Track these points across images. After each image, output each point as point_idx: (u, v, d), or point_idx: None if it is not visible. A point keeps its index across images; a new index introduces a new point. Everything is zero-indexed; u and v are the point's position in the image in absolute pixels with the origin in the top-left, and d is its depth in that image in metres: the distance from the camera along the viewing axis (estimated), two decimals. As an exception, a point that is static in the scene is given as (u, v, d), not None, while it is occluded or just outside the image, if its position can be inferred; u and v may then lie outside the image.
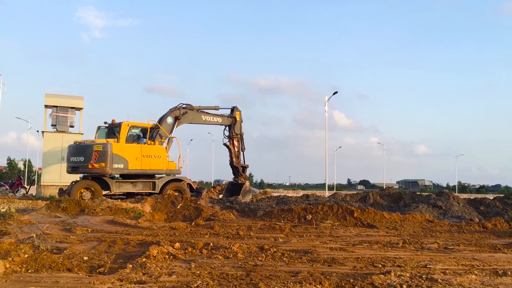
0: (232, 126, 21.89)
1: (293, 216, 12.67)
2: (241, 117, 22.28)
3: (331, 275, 5.72)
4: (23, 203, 18.69)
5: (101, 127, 19.73)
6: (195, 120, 20.92)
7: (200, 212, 13.38)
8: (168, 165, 19.05)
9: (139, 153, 18.16)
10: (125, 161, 17.71)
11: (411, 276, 5.63)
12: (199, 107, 21.11)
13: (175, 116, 19.85)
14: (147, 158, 18.21)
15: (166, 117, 19.67)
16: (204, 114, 21.15)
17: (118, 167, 17.63)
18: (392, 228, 11.32)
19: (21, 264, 5.78)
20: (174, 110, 19.95)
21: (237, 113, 22.06)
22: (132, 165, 17.92)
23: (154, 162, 18.36)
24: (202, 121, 21.21)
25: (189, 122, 20.66)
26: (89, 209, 13.35)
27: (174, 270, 5.75)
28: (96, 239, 8.60)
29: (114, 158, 17.42)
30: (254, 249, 7.56)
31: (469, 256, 7.46)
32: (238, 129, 21.99)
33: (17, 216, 11.84)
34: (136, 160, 17.99)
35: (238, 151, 22.00)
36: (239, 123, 22.10)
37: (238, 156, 21.98)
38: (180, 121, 20.00)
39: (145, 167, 18.18)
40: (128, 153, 17.95)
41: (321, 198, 20.97)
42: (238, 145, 22.01)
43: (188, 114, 20.33)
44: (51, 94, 27.22)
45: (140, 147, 18.33)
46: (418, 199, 18.65)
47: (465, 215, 14.88)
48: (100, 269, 5.84)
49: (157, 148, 18.64)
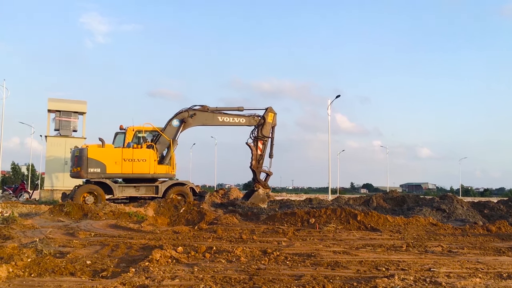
0: (260, 127, 19.98)
1: (296, 219, 12.65)
2: (275, 119, 20.25)
3: (335, 278, 5.70)
4: (26, 208, 18.73)
5: (119, 133, 19.78)
6: (209, 122, 19.83)
7: (203, 216, 13.37)
8: (156, 168, 18.49)
9: (119, 157, 18.11)
10: (102, 165, 17.85)
11: (415, 279, 5.60)
12: (216, 108, 19.85)
13: (182, 118, 19.24)
14: (129, 162, 18.09)
15: (172, 119, 19.25)
16: (222, 115, 19.72)
17: (94, 171, 17.81)
18: (395, 232, 11.28)
19: (24, 268, 5.78)
20: (180, 113, 19.40)
21: (270, 115, 20.09)
22: (110, 169, 17.94)
23: (137, 166, 18.15)
24: (219, 123, 19.82)
25: (200, 124, 19.78)
26: (92, 214, 13.36)
27: (177, 274, 5.74)
28: (99, 243, 8.60)
29: (90, 163, 17.74)
30: (257, 253, 7.54)
31: (473, 259, 7.42)
32: (266, 131, 19.97)
33: (20, 221, 11.86)
34: (115, 164, 17.99)
35: (261, 155, 19.89)
36: (269, 125, 20.05)
37: (259, 161, 19.87)
38: (187, 123, 19.26)
39: (126, 171, 18.08)
40: (107, 158, 18.03)
41: (324, 201, 20.96)
42: (263, 148, 19.96)
43: (198, 116, 19.44)
44: (54, 99, 27.34)
45: (121, 151, 18.26)
46: (421, 202, 18.58)
47: (469, 218, 14.82)
48: (103, 273, 5.84)
49: (142, 152, 18.36)
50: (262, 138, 19.85)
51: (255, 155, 19.73)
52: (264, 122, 19.86)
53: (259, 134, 19.84)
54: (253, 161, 19.74)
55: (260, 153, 19.83)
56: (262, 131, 19.84)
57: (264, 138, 19.87)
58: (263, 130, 19.85)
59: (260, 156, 19.83)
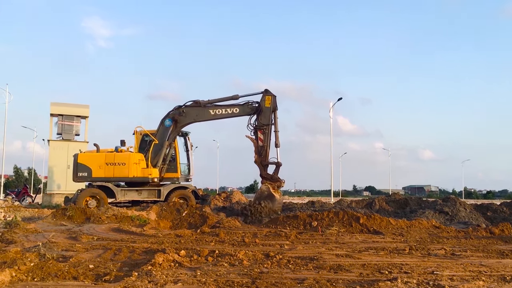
0: (258, 115, 17.21)
1: (299, 222, 12.63)
2: (273, 103, 17.13)
3: (337, 282, 5.69)
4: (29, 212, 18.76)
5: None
6: (201, 117, 18.14)
7: (205, 219, 13.37)
8: (137, 172, 18.21)
9: (102, 161, 18.35)
10: (89, 169, 18.30)
11: (418, 282, 5.59)
12: (208, 101, 17.95)
13: (172, 117, 18.17)
14: (110, 166, 18.28)
15: (163, 120, 18.41)
16: (214, 108, 17.81)
17: (82, 175, 18.40)
18: (398, 234, 11.26)
19: (27, 273, 5.79)
20: (172, 111, 18.30)
21: (267, 98, 17.12)
22: (95, 173, 18.27)
23: (117, 170, 18.28)
24: (211, 116, 17.96)
25: (192, 120, 18.23)
26: (94, 217, 13.38)
27: (180, 278, 5.74)
28: (101, 247, 8.61)
29: (79, 167, 18.37)
30: (259, 256, 7.53)
31: (476, 262, 7.40)
32: (264, 119, 17.00)
33: (23, 225, 11.90)
34: (99, 168, 18.28)
35: (262, 146, 16.88)
36: (267, 110, 17.05)
37: (262, 153, 16.89)
38: (179, 121, 18.12)
39: (108, 174, 18.27)
40: (92, 162, 18.42)
41: (327, 204, 20.88)
42: (264, 138, 16.90)
43: (188, 112, 18.03)
44: (57, 103, 27.43)
45: (105, 156, 18.46)
46: (424, 205, 18.54)
47: (472, 221, 14.78)
48: (105, 277, 5.85)
49: (122, 156, 18.42)
50: (261, 127, 17.05)
51: (256, 148, 17.12)
52: (262, 108, 17.16)
53: (258, 123, 17.16)
54: (255, 155, 17.15)
55: (261, 144, 17.03)
56: (260, 119, 17.12)
57: (263, 126, 17.03)
58: (261, 118, 17.11)
59: (262, 147, 17.00)
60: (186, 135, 20.10)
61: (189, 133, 20.19)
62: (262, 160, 16.89)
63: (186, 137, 20.18)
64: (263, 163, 16.87)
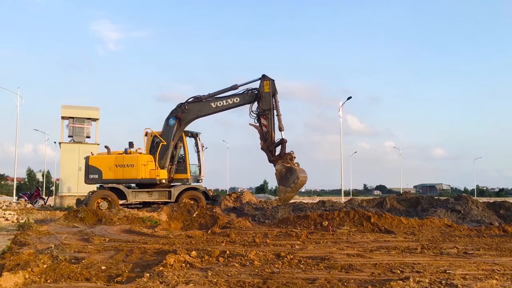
0: (258, 102, 17.18)
1: (309, 222, 12.61)
2: (272, 87, 17.09)
3: (349, 281, 5.67)
4: (42, 214, 18.96)
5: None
6: (204, 112, 18.07)
7: (216, 220, 13.39)
8: (145, 173, 18.23)
9: (112, 163, 18.51)
10: (99, 171, 18.50)
11: (431, 282, 5.55)
12: (209, 94, 17.89)
13: (175, 115, 18.13)
14: (119, 167, 18.43)
15: (168, 119, 18.39)
16: (215, 101, 17.77)
17: (93, 177, 18.63)
18: (410, 234, 11.20)
19: (40, 274, 5.84)
20: (175, 109, 18.28)
21: (265, 83, 17.09)
22: (106, 175, 18.46)
23: (127, 171, 18.39)
24: (213, 109, 17.88)
25: (196, 116, 18.19)
26: (106, 219, 13.47)
27: (191, 279, 5.76)
28: (113, 248, 8.66)
29: (90, 169, 18.61)
30: (270, 257, 7.53)
31: (489, 260, 7.34)
32: (265, 104, 16.95)
33: (36, 227, 12.03)
34: (109, 170, 18.44)
35: (267, 132, 16.78)
36: (267, 95, 17.02)
37: (268, 138, 16.72)
38: (183, 119, 18.05)
39: (118, 176, 18.41)
40: (103, 164, 18.60)
41: (337, 204, 20.81)
42: (268, 124, 16.86)
43: (190, 108, 17.98)
44: (68, 106, 27.69)
45: (114, 158, 18.61)
46: (436, 203, 18.41)
47: (485, 219, 14.65)
48: (118, 278, 5.88)
49: (131, 157, 18.54)
50: (263, 112, 17.02)
51: (261, 134, 17.05)
52: (261, 94, 17.13)
53: (260, 110, 17.13)
54: (261, 142, 17.02)
55: (265, 129, 16.96)
56: (262, 105, 17.09)
57: (265, 111, 17.00)
58: (262, 104, 17.08)
59: (267, 132, 16.89)
60: (196, 135, 20.11)
61: (199, 133, 20.21)
62: (268, 145, 16.68)
63: (197, 138, 20.17)
64: (269, 148, 16.63)
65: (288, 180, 15.31)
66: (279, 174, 15.73)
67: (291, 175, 15.29)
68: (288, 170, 15.43)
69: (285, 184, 15.42)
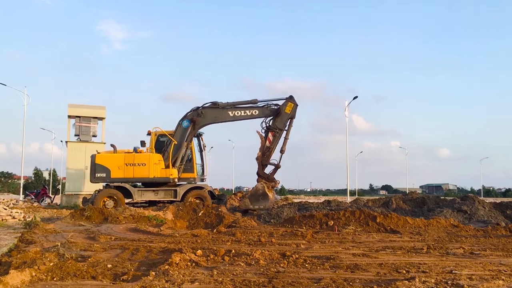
0: (274, 117, 17.98)
1: (315, 222, 12.60)
2: (293, 111, 17.91)
3: (354, 281, 5.66)
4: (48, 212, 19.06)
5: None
6: (220, 118, 18.61)
7: (221, 219, 13.41)
8: (157, 172, 18.36)
9: (121, 162, 18.40)
10: (107, 170, 18.32)
11: (436, 282, 5.53)
12: (227, 103, 18.45)
13: (191, 118, 18.52)
14: (130, 166, 18.35)
15: (181, 121, 18.72)
16: (233, 110, 18.34)
17: (100, 176, 18.39)
18: (416, 234, 11.16)
19: (47, 272, 5.87)
20: (190, 112, 18.72)
21: (289, 105, 17.85)
22: (114, 174, 18.32)
23: (137, 170, 18.35)
24: (230, 118, 18.47)
25: (211, 121, 18.70)
26: (112, 218, 13.52)
27: (197, 277, 5.77)
28: (119, 247, 8.69)
29: (97, 168, 18.35)
30: (276, 256, 7.53)
31: (496, 261, 7.30)
32: (280, 123, 17.77)
33: (43, 225, 12.08)
34: (118, 169, 18.31)
35: (269, 148, 17.75)
36: (285, 116, 17.80)
37: (266, 153, 17.72)
38: (197, 123, 18.46)
39: (128, 175, 18.34)
40: (111, 163, 18.45)
41: (343, 203, 20.76)
42: (273, 141, 17.79)
43: (207, 113, 18.43)
44: (74, 105, 27.77)
45: (124, 156, 18.51)
46: (442, 203, 18.31)
47: (491, 219, 14.57)
48: (123, 276, 5.90)
49: (142, 156, 18.52)
50: (274, 129, 17.83)
51: (262, 146, 17.82)
52: (280, 112, 17.84)
53: (272, 125, 17.90)
54: (258, 152, 17.86)
55: (268, 145, 17.78)
56: (276, 122, 17.84)
57: (277, 129, 17.81)
58: (277, 121, 17.82)
59: (268, 148, 17.78)
60: (200, 135, 20.17)
61: (202, 133, 20.28)
62: (263, 159, 17.72)
63: (200, 138, 20.23)
64: (263, 162, 17.71)
65: (257, 200, 17.14)
66: (255, 191, 17.35)
67: (263, 200, 17.11)
68: (264, 195, 17.15)
69: (253, 201, 17.18)
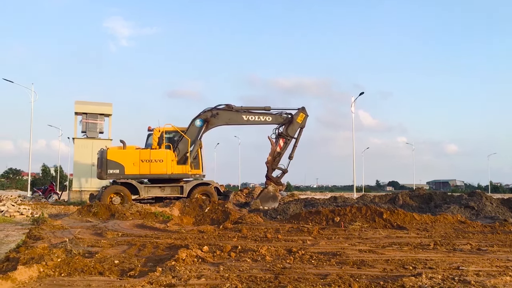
0: (286, 125, 19.22)
1: (321, 218, 12.59)
2: (305, 121, 19.32)
3: (361, 277, 5.65)
4: (56, 209, 19.19)
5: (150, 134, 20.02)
6: (233, 121, 19.48)
7: (227, 215, 13.44)
8: (174, 169, 18.61)
9: (137, 158, 18.42)
10: (121, 166, 18.28)
11: (443, 278, 5.51)
12: (241, 107, 19.42)
13: (204, 118, 19.10)
14: (146, 162, 18.37)
15: (195, 119, 19.17)
16: (247, 114, 19.23)
17: (113, 172, 18.31)
18: (422, 230, 11.11)
19: (54, 268, 5.91)
20: (204, 112, 19.27)
21: (301, 115, 19.25)
22: (128, 170, 18.32)
23: (154, 167, 18.39)
24: (244, 122, 19.35)
25: (224, 123, 19.49)
26: (119, 214, 13.58)
27: (203, 273, 5.78)
28: (126, 243, 8.73)
29: (109, 164, 18.26)
30: (282, 252, 7.53)
31: (503, 257, 7.26)
32: (291, 130, 19.14)
33: (50, 221, 12.17)
34: (133, 165, 18.32)
35: (279, 153, 19.04)
36: (297, 125, 19.20)
37: (276, 158, 19.02)
38: (210, 123, 19.07)
39: (144, 171, 18.37)
40: (125, 159, 18.41)
41: (349, 200, 20.71)
42: (284, 147, 19.11)
43: (221, 115, 19.15)
44: (81, 102, 27.89)
45: (139, 152, 18.54)
46: (449, 199, 18.22)
47: (499, 215, 14.48)
48: (130, 272, 5.93)
49: (159, 153, 18.58)
50: (286, 136, 19.07)
51: (272, 151, 18.99)
52: (292, 121, 19.11)
53: (284, 132, 19.08)
54: (269, 156, 19.07)
55: (279, 150, 19.02)
56: (288, 130, 19.07)
57: (288, 137, 19.08)
58: (289, 129, 19.07)
59: (278, 154, 19.04)
60: None
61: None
62: (274, 165, 19.06)
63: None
64: (273, 166, 19.06)
65: (267, 201, 18.35)
66: (265, 193, 18.78)
67: (273, 201, 18.41)
68: (273, 197, 18.68)
69: (263, 202, 18.32)
